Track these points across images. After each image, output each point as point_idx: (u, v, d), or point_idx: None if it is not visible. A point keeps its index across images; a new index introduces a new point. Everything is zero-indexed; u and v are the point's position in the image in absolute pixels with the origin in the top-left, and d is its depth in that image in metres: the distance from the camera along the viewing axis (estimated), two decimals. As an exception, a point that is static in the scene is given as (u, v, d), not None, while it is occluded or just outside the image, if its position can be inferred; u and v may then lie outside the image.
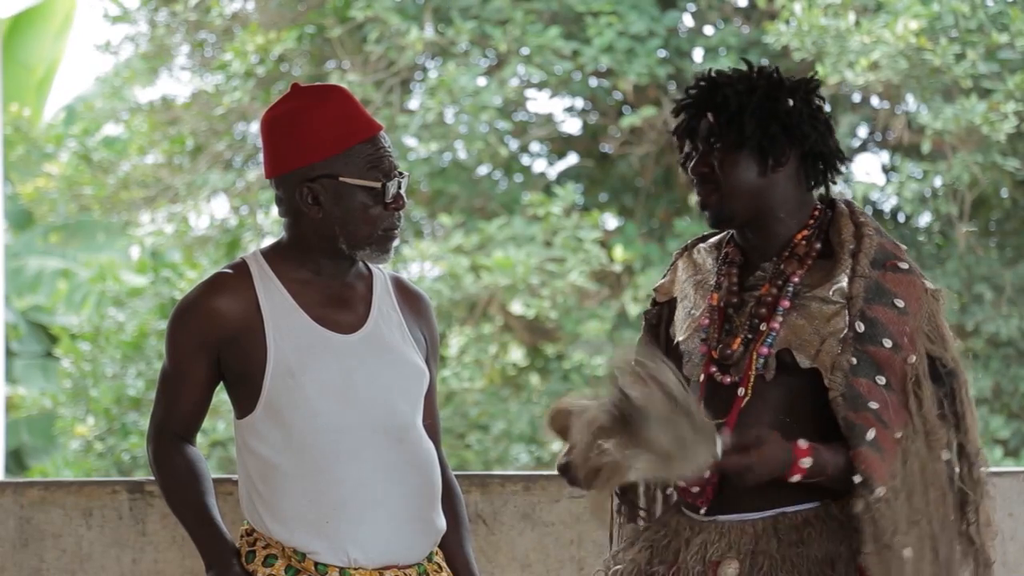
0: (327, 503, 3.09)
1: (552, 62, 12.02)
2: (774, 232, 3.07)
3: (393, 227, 3.17)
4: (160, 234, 12.93)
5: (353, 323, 3.17)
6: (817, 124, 3.06)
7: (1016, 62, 10.84)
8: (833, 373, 2.94)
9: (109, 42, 13.51)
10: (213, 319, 3.13)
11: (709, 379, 3.06)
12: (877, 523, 2.89)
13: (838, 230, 3.07)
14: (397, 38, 12.17)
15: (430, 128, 12.02)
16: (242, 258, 3.22)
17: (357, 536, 3.09)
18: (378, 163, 3.14)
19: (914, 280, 3.03)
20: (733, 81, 3.06)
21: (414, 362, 3.21)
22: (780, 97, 3.05)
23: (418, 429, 3.20)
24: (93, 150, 13.26)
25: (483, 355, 12.26)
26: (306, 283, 3.17)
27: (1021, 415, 11.59)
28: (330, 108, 3.17)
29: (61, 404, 13.10)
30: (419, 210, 13.08)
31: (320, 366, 3.11)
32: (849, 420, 2.91)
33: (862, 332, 2.95)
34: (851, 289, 2.99)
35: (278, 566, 3.10)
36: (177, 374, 3.17)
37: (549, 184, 12.84)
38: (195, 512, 3.14)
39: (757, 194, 3.05)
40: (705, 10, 12.58)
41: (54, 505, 4.30)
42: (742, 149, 3.03)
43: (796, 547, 2.98)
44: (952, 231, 11.78)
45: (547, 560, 4.25)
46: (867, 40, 10.77)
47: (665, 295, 3.24)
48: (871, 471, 2.89)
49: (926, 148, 11.20)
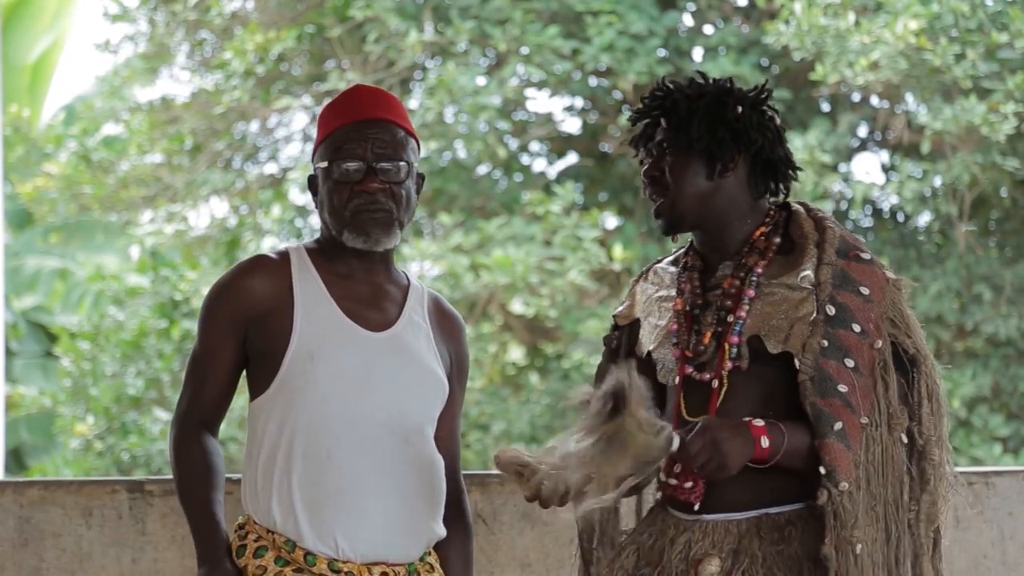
0: (323, 489, 3.10)
1: (551, 61, 12.02)
2: (728, 234, 3.13)
3: (364, 209, 3.18)
4: (159, 234, 12.93)
5: (381, 323, 3.20)
6: (766, 132, 3.11)
7: (1016, 62, 10.84)
8: (804, 355, 2.99)
9: (108, 41, 13.51)
10: (245, 297, 3.18)
11: (686, 379, 3.11)
12: (838, 516, 2.94)
13: (798, 225, 3.13)
14: (396, 38, 12.17)
15: (430, 127, 12.02)
16: (286, 247, 3.28)
17: (347, 527, 3.11)
18: (342, 146, 3.19)
19: (875, 270, 3.08)
20: (684, 88, 3.13)
21: (434, 371, 3.23)
22: (729, 103, 3.10)
23: (426, 435, 3.21)
24: (92, 150, 13.27)
25: (483, 354, 12.26)
26: (341, 278, 3.22)
27: (1020, 414, 11.59)
28: (333, 104, 3.26)
29: (61, 403, 13.11)
30: (419, 209, 13.08)
31: (340, 355, 3.14)
32: (817, 407, 2.96)
33: (832, 315, 3.00)
34: (819, 275, 3.04)
35: (268, 557, 3.12)
36: (207, 353, 3.19)
37: (549, 183, 12.84)
38: (199, 505, 3.15)
39: (705, 197, 3.11)
40: (705, 10, 12.58)
41: (54, 504, 4.30)
42: (691, 153, 3.09)
43: (778, 545, 3.02)
44: (952, 231, 11.78)
45: (547, 559, 4.25)
46: (867, 40, 10.78)
47: (626, 319, 3.31)
48: (836, 463, 2.94)
49: (926, 148, 11.21)
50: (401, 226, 3.23)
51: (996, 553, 4.19)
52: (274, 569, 3.10)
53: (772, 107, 3.16)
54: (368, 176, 3.18)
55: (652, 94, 3.16)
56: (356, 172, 3.17)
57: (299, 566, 3.10)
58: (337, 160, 3.19)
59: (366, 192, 3.17)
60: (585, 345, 12.33)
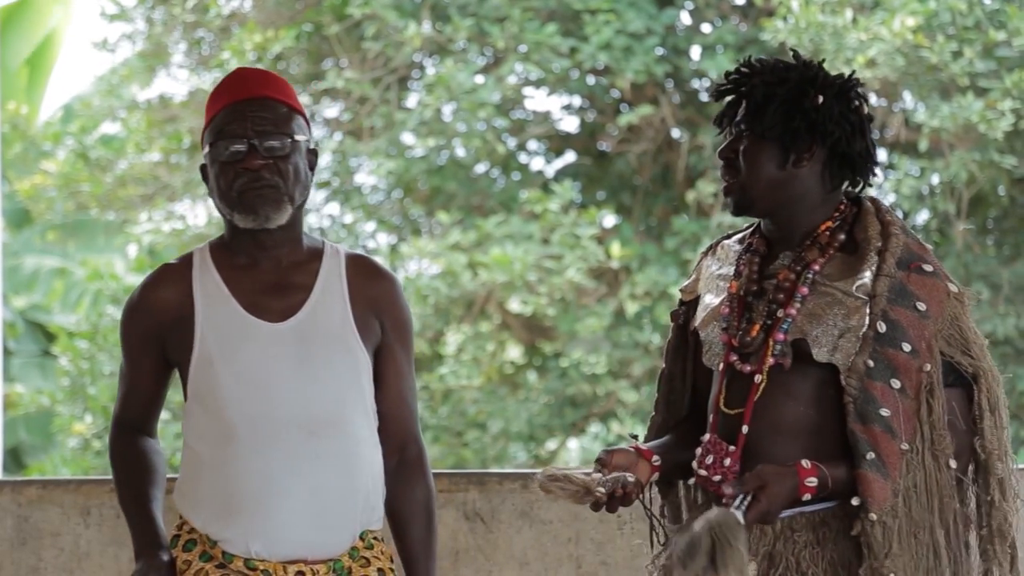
0: (233, 494, 3.09)
1: (550, 60, 12.02)
2: (796, 223, 3.04)
3: (245, 188, 3.12)
4: (157, 232, 12.93)
5: (286, 310, 3.15)
6: (846, 124, 3.01)
7: (1013, 60, 10.84)
8: (849, 375, 2.92)
9: (106, 40, 13.50)
10: (153, 311, 3.18)
11: (729, 367, 3.04)
12: (871, 547, 2.90)
13: (864, 226, 3.04)
14: (395, 35, 12.16)
15: (428, 125, 12.02)
16: (192, 249, 3.26)
17: (259, 529, 3.08)
18: (222, 128, 3.15)
19: (938, 283, 2.99)
20: (766, 71, 3.04)
21: (350, 351, 3.15)
22: (810, 92, 3.01)
23: (340, 425, 3.14)
24: (91, 148, 13.26)
25: (481, 353, 12.25)
26: (243, 270, 3.18)
27: (1019, 414, 11.60)
28: (214, 89, 3.22)
29: (59, 402, 13.10)
30: (417, 208, 13.08)
31: (239, 356, 3.11)
32: (855, 435, 2.91)
33: (883, 333, 2.93)
34: (875, 287, 2.96)
35: (195, 551, 3.13)
36: (127, 367, 3.24)
37: (547, 182, 12.84)
38: (132, 502, 3.18)
39: (776, 186, 3.02)
40: (703, 8, 12.58)
41: (52, 504, 4.30)
42: (765, 140, 3.01)
43: (812, 548, 2.98)
44: (950, 229, 11.78)
45: (545, 558, 4.25)
46: (864, 37, 10.78)
47: (691, 294, 3.22)
48: (868, 494, 2.89)
49: (923, 146, 11.21)
50: (292, 201, 3.15)
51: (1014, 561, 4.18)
52: (197, 564, 3.11)
53: (861, 95, 3.06)
54: (251, 154, 3.12)
55: (737, 71, 3.07)
56: (238, 152, 3.12)
57: (220, 562, 3.11)
58: (219, 141, 3.14)
59: (249, 170, 3.11)
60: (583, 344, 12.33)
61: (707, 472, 3.03)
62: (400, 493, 3.23)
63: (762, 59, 3.07)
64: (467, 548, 4.26)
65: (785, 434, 2.99)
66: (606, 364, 12.05)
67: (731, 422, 3.02)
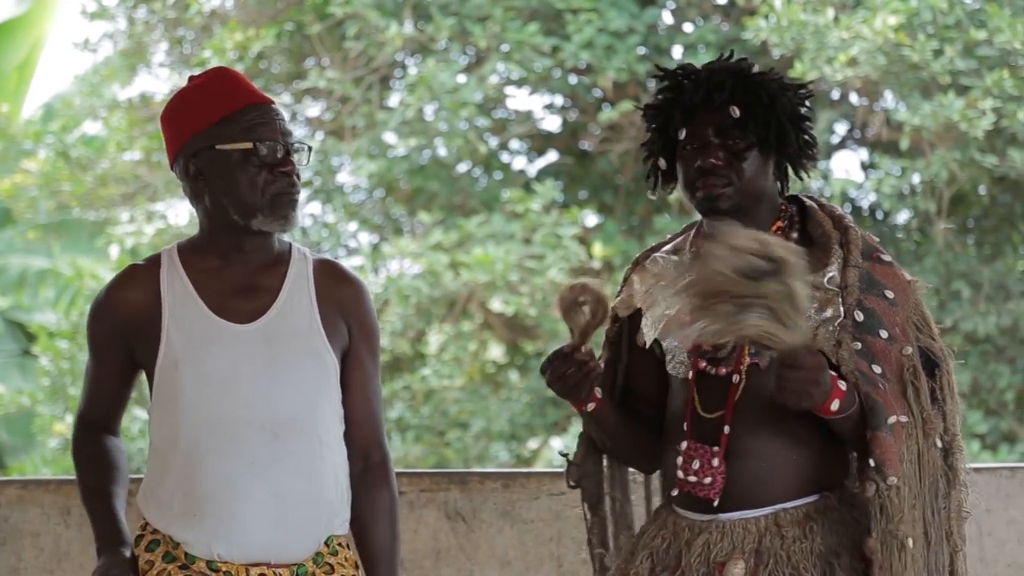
0: (196, 496, 3.07)
1: (532, 59, 12.02)
2: (754, 225, 3.05)
3: (285, 192, 3.10)
4: (139, 232, 12.89)
5: (252, 313, 3.12)
6: (812, 135, 3.09)
7: (994, 59, 10.86)
8: (841, 351, 2.94)
9: (88, 39, 13.47)
10: (119, 311, 3.16)
11: (700, 373, 3.06)
12: (885, 510, 2.91)
13: (816, 222, 3.08)
14: (376, 35, 12.15)
15: (409, 125, 12.01)
16: (160, 251, 3.22)
17: (221, 531, 3.06)
18: (255, 128, 3.11)
19: (897, 272, 3.05)
20: (766, 83, 3.04)
21: (317, 354, 3.13)
22: (803, 105, 3.07)
23: (306, 427, 3.11)
24: (71, 147, 13.22)
25: (462, 352, 12.25)
26: (212, 272, 3.15)
27: (998, 411, 11.63)
28: (206, 85, 3.18)
29: (39, 402, 13.06)
30: (399, 207, 13.07)
31: (204, 358, 3.09)
32: (871, 398, 2.92)
33: (861, 322, 2.97)
34: (846, 278, 2.99)
35: (158, 552, 3.12)
36: (92, 365, 3.22)
37: (528, 181, 12.84)
38: (95, 498, 3.16)
39: (763, 192, 3.07)
40: (684, 7, 12.59)
41: (32, 504, 4.29)
42: (769, 152, 3.04)
43: (800, 542, 2.99)
44: (930, 228, 11.80)
45: (526, 557, 4.25)
46: (846, 36, 10.79)
47: (627, 308, 3.23)
48: (885, 457, 2.91)
49: (904, 145, 11.23)
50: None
51: (974, 550, 4.19)
52: (160, 565, 3.10)
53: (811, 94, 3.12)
54: (286, 158, 3.11)
55: (720, 78, 3.05)
56: (277, 153, 3.10)
57: (183, 563, 3.09)
58: (258, 140, 3.10)
59: (286, 175, 3.10)
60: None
61: (696, 477, 3.03)
62: (364, 499, 3.20)
63: (740, 66, 3.08)
64: (448, 548, 4.26)
65: (767, 429, 3.00)
66: (588, 363, 12.03)
67: (709, 425, 3.03)
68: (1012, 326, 11.44)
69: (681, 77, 3.11)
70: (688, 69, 3.11)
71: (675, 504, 3.11)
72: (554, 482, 4.21)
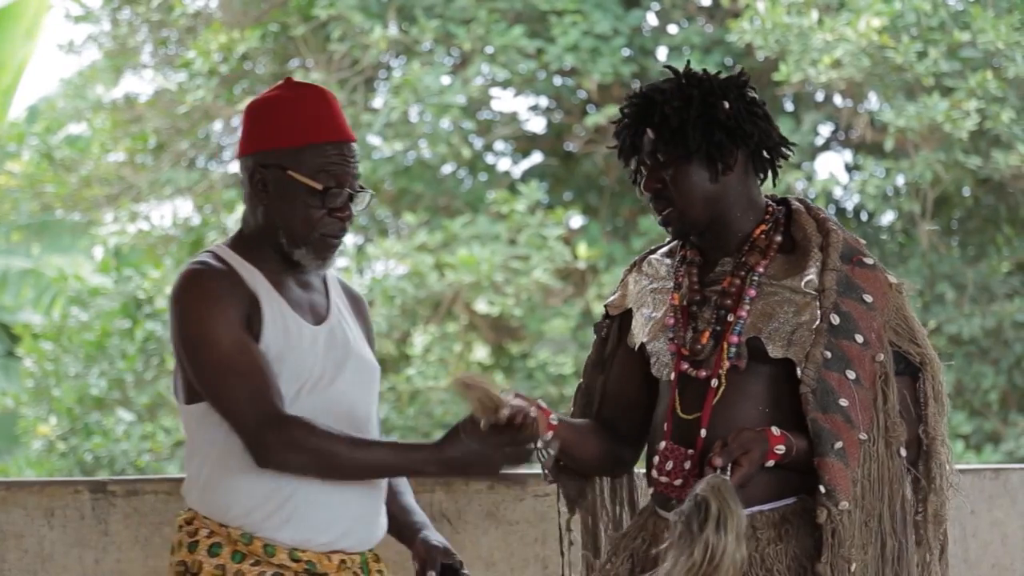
0: (284, 485, 3.08)
1: (516, 61, 12.02)
2: (732, 231, 3.09)
3: (334, 235, 3.13)
4: (123, 233, 12.87)
5: (318, 315, 3.18)
6: (758, 120, 3.06)
7: (977, 60, 10.89)
8: (807, 366, 2.96)
9: (72, 42, 13.44)
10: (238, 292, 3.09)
11: (682, 375, 3.07)
12: (836, 534, 2.92)
13: (800, 226, 3.09)
14: (361, 36, 12.15)
15: (394, 127, 12.01)
16: (206, 251, 3.18)
17: (311, 519, 3.09)
18: (330, 167, 3.12)
19: (879, 275, 3.05)
20: (668, 95, 3.05)
21: (370, 359, 3.23)
22: (717, 102, 3.04)
23: (374, 423, 3.21)
24: (55, 148, 13.20)
25: (448, 353, 12.25)
26: (277, 272, 3.17)
27: (983, 412, 11.65)
28: (302, 103, 3.17)
29: (23, 404, 13.03)
30: (384, 208, 13.06)
31: (302, 356, 3.12)
32: (818, 424, 2.93)
33: (836, 325, 2.97)
34: (823, 281, 3.00)
35: (224, 554, 3.09)
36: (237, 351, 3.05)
37: (513, 182, 12.85)
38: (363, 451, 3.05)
39: (712, 200, 3.07)
40: (669, 9, 12.61)
41: (15, 505, 4.28)
42: (690, 161, 3.04)
43: (775, 544, 3.00)
44: (915, 229, 11.82)
45: (511, 559, 4.25)
46: (830, 38, 10.81)
47: (618, 308, 3.26)
48: (836, 483, 2.92)
49: (889, 146, 11.25)
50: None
51: (958, 551, 4.20)
52: (233, 567, 3.08)
53: (753, 88, 3.10)
54: (346, 204, 3.14)
55: (633, 103, 3.09)
56: (342, 200, 3.12)
57: (257, 558, 3.08)
58: (328, 182, 3.11)
59: (340, 220, 3.13)
60: (550, 344, 12.33)
61: (668, 478, 3.05)
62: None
63: (653, 86, 3.09)
64: (433, 549, 4.25)
65: None
66: (573, 365, 12.05)
67: (687, 427, 3.05)
68: (996, 327, 11.47)
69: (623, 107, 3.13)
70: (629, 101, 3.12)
71: (655, 504, 3.12)
72: (539, 484, 4.21)
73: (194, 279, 3.09)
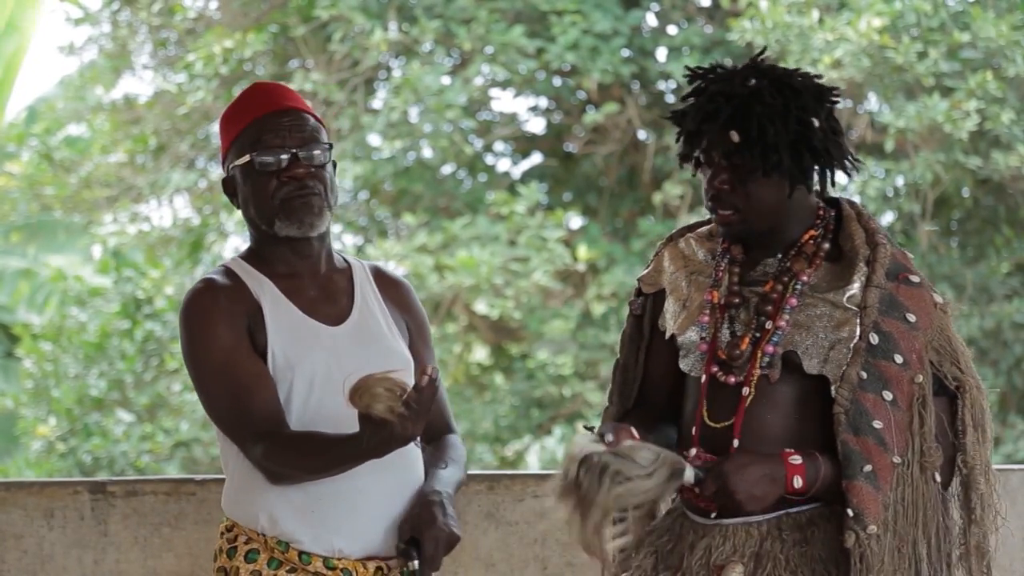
0: (315, 493, 3.09)
1: (516, 61, 12.02)
2: (783, 234, 3.01)
3: (293, 195, 3.14)
4: (122, 234, 12.88)
5: (337, 316, 3.19)
6: (840, 139, 2.97)
7: (977, 61, 10.89)
8: (841, 385, 2.89)
9: (72, 44, 13.44)
10: (237, 305, 3.13)
11: (711, 378, 3.02)
12: (864, 559, 2.87)
13: (848, 235, 3.01)
14: (361, 37, 12.15)
15: (394, 127, 12.01)
16: (219, 266, 3.23)
17: (342, 526, 3.10)
18: (263, 138, 3.16)
19: (925, 294, 2.98)
20: (765, 105, 2.92)
21: (399, 352, 3.21)
22: (809, 120, 2.93)
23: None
24: (55, 149, 13.20)
25: (447, 355, 12.25)
26: (287, 278, 3.19)
27: (984, 413, 11.64)
28: (234, 104, 3.24)
29: (22, 404, 13.03)
30: (383, 209, 13.06)
31: (313, 358, 3.13)
32: (848, 447, 2.88)
33: (875, 345, 2.90)
34: (866, 298, 2.93)
35: (260, 560, 3.10)
36: (230, 364, 3.09)
37: (513, 183, 12.84)
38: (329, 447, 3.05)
39: (778, 212, 2.98)
40: (668, 9, 12.60)
41: (15, 506, 4.28)
42: (770, 175, 2.94)
43: (800, 547, 2.95)
44: (914, 230, 11.82)
45: (511, 559, 4.24)
46: (830, 38, 10.81)
47: (652, 286, 3.18)
48: (864, 506, 2.87)
49: (889, 147, 11.24)
50: (331, 208, 3.21)
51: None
52: (269, 573, 3.09)
53: (836, 101, 2.99)
54: (293, 163, 3.15)
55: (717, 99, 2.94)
56: (281, 161, 3.15)
57: (293, 565, 3.09)
58: (257, 151, 3.15)
59: (293, 179, 3.15)
60: (550, 345, 12.32)
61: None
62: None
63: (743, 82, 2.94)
64: (433, 549, 4.24)
65: (770, 445, 2.95)
66: (572, 365, 12.05)
67: (716, 435, 2.99)
68: (995, 328, 11.47)
69: (691, 94, 3.00)
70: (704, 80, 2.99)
71: (684, 507, 3.09)
72: (539, 484, 4.20)
73: (191, 300, 3.15)
